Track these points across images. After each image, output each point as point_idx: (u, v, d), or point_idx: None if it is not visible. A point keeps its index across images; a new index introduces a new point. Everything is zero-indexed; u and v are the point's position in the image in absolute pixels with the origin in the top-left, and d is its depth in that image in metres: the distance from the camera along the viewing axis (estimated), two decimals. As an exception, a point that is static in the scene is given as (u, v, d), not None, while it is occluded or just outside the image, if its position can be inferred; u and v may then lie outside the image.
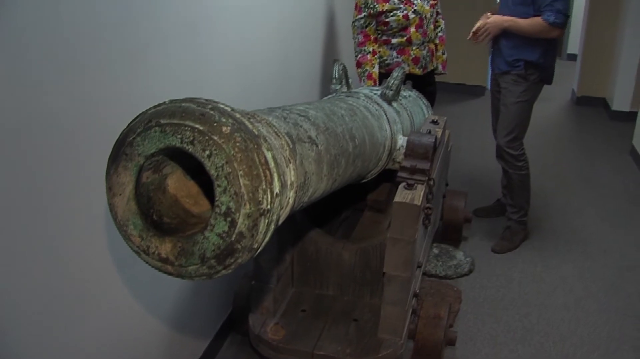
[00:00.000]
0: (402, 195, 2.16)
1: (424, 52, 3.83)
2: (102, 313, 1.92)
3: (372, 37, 3.75)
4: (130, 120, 1.25)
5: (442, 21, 4.03)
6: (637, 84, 6.24)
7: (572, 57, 8.61)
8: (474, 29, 3.50)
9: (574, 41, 8.83)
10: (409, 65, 3.80)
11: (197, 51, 2.29)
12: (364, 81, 3.73)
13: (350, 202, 3.04)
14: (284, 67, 3.29)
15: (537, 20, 3.29)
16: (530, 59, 3.43)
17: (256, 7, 2.80)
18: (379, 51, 3.79)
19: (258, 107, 1.63)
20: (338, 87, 2.72)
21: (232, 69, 2.60)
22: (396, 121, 2.50)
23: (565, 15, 3.26)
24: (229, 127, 1.16)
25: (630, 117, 6.07)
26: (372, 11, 3.69)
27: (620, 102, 6.50)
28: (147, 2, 1.94)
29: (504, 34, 3.46)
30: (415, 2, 3.74)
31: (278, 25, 3.14)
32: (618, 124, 6.32)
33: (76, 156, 1.69)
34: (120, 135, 1.25)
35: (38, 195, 1.58)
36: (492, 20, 3.44)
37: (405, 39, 3.75)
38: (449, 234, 3.67)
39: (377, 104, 2.43)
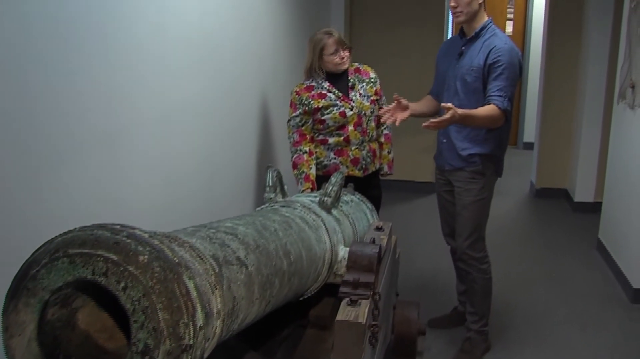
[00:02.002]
0: (344, 312, 2.19)
1: (364, 152, 3.94)
2: None
3: (308, 137, 3.87)
4: (34, 249, 1.26)
5: None
6: (600, 172, 6.45)
7: (529, 146, 8.93)
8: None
9: (530, 129, 9.17)
10: (347, 167, 3.90)
11: (115, 166, 2.34)
12: (301, 183, 3.81)
13: (290, 319, 3.04)
14: (213, 178, 3.36)
15: (491, 109, 3.33)
16: (486, 151, 3.54)
17: (181, 118, 2.89)
18: (316, 152, 3.90)
19: (183, 223, 1.67)
20: (272, 195, 2.77)
21: (155, 183, 2.65)
22: (336, 230, 2.55)
23: (512, 105, 3.42)
24: (146, 257, 1.19)
25: (594, 208, 6.28)
26: (307, 108, 3.83)
27: (583, 193, 6.73)
28: (61, 114, 1.99)
29: (454, 125, 3.54)
30: (354, 98, 3.88)
31: (206, 136, 3.23)
32: (582, 216, 6.53)
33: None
34: (21, 266, 1.25)
35: None
36: (441, 120, 3.25)
37: (342, 138, 3.87)
38: (402, 348, 3.65)
39: (315, 213, 2.49)
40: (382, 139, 4.13)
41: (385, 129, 4.13)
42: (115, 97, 2.33)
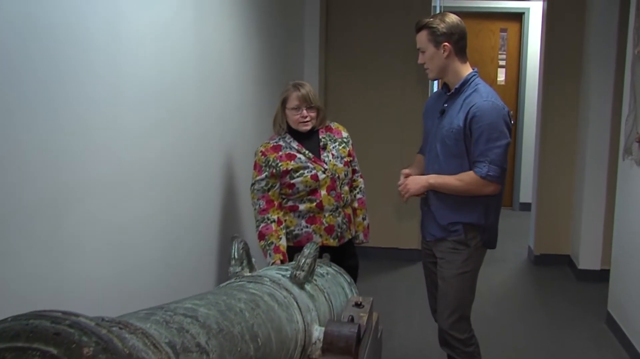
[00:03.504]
0: (321, 403, 2.17)
1: (339, 219, 3.97)
2: None
3: (276, 203, 3.89)
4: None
5: (361, 180, 4.23)
6: (606, 236, 6.43)
7: (526, 207, 8.95)
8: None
9: (526, 188, 9.20)
10: (321, 235, 3.92)
11: (61, 236, 2.32)
12: (270, 255, 3.80)
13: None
14: (171, 250, 3.34)
15: (469, 175, 3.44)
16: (470, 220, 3.56)
17: (136, 183, 2.88)
18: (285, 220, 3.91)
19: (137, 302, 1.66)
20: (238, 269, 2.76)
21: (106, 255, 2.63)
22: (310, 308, 2.55)
23: (500, 168, 3.45)
24: (91, 349, 1.18)
25: (602, 276, 6.25)
26: (274, 170, 3.85)
27: (588, 259, 6.72)
28: (1, 176, 1.98)
29: (433, 192, 3.60)
30: (326, 159, 3.93)
31: (164, 202, 3.22)
32: (588, 286, 6.51)
33: None
34: None
35: None
36: (412, 179, 3.60)
37: (315, 204, 3.89)
38: None
39: (286, 289, 2.49)
40: (356, 204, 4.18)
41: (358, 193, 4.19)
42: (63, 159, 2.32)
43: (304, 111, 3.89)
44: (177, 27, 3.34)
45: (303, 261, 2.71)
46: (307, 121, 3.91)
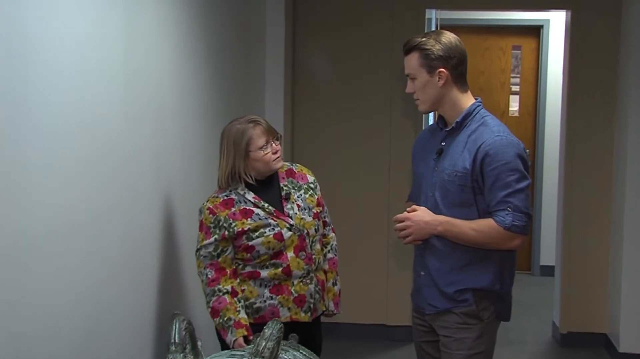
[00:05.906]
0: None
1: (312, 286, 3.94)
2: None
3: (228, 271, 3.84)
4: None
5: (333, 235, 4.25)
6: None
7: (548, 271, 8.90)
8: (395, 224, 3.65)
9: (548, 248, 9.17)
10: (290, 309, 3.88)
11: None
12: (232, 333, 3.72)
13: None
14: (94, 329, 3.27)
15: (489, 225, 3.44)
16: (482, 285, 3.55)
17: (48, 241, 2.83)
18: (243, 290, 3.87)
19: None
20: (179, 357, 2.73)
21: (7, 324, 2.58)
22: (272, 405, 2.52)
23: (526, 215, 3.46)
24: None
25: (651, 362, 6.24)
26: (226, 232, 3.81)
27: (631, 339, 6.64)
28: None
29: (431, 249, 3.61)
30: (291, 213, 3.91)
31: (85, 264, 3.17)
32: (632, 375, 6.48)
33: None
34: None
35: None
36: (418, 217, 3.56)
37: (280, 269, 3.86)
38: None
39: (242, 381, 2.47)
40: (326, 266, 4.16)
41: (329, 251, 4.19)
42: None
43: (273, 144, 3.90)
44: (102, 44, 3.30)
45: (263, 344, 2.68)
46: (278, 156, 3.92)
